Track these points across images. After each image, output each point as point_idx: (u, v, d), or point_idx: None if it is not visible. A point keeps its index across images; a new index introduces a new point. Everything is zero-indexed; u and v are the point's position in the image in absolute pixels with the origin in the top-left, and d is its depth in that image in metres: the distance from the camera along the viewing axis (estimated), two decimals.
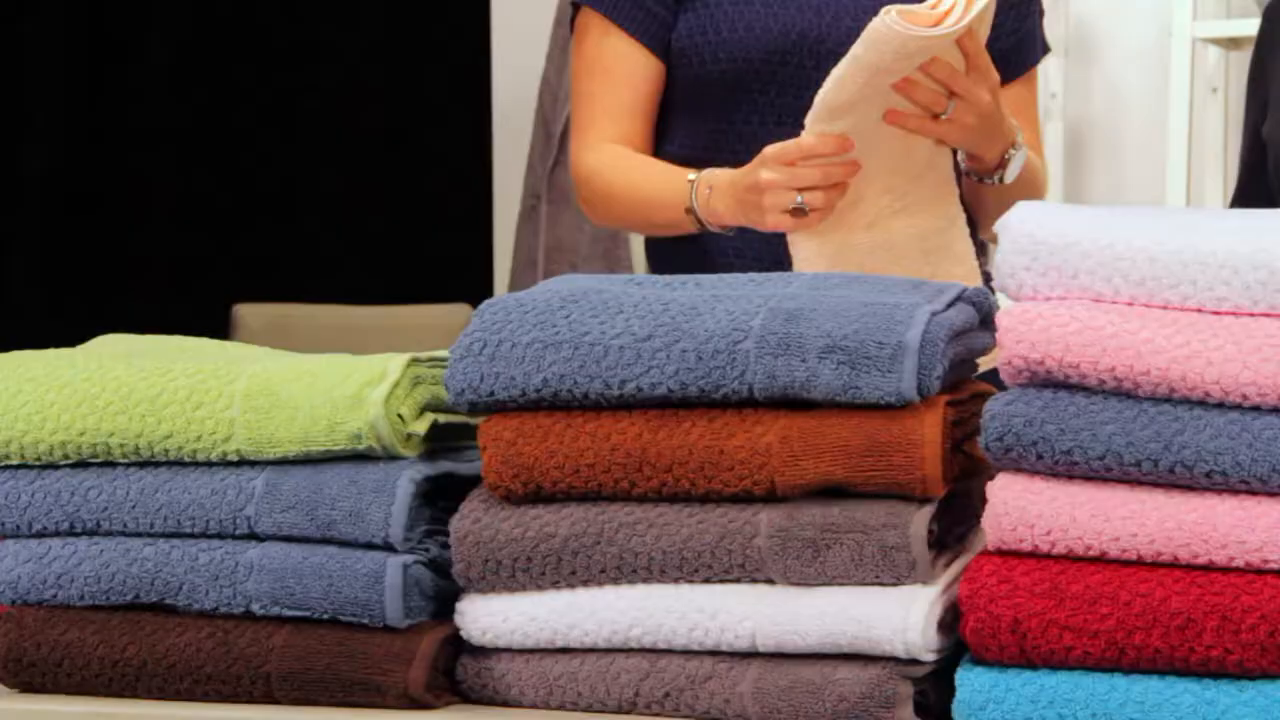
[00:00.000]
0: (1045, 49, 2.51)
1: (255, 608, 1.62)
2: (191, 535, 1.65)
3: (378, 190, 6.02)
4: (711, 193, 2.23)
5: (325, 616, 1.61)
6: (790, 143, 2.12)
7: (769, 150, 2.14)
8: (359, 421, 1.60)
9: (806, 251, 2.15)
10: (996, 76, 2.13)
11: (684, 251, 2.38)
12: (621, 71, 2.41)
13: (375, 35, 6.04)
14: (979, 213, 2.29)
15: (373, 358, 1.65)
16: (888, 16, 2.00)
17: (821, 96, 2.09)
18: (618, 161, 2.38)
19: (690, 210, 2.25)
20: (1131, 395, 1.45)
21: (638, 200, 2.35)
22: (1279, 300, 1.42)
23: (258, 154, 6.07)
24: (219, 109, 6.07)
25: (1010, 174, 2.21)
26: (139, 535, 1.65)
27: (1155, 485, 1.44)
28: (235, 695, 1.62)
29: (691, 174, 2.26)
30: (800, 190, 2.11)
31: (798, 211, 2.12)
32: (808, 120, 2.10)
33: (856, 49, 2.05)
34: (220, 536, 1.64)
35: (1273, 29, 2.25)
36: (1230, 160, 3.61)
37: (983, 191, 2.26)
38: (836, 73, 2.07)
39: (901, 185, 2.16)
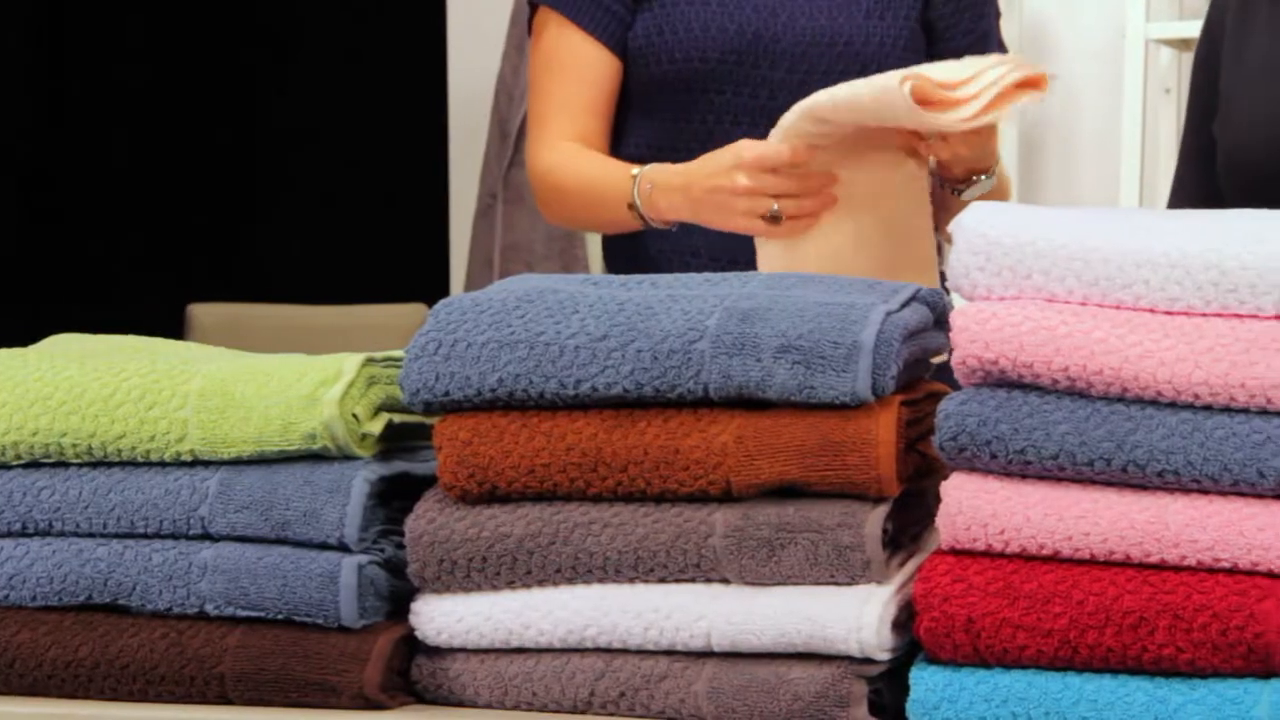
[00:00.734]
0: (1002, 50, 2.52)
1: (209, 608, 1.62)
2: (145, 536, 1.64)
3: (333, 190, 6.01)
4: (653, 189, 2.23)
5: (280, 617, 1.61)
6: (771, 149, 2.11)
7: (748, 155, 2.12)
8: (314, 421, 1.60)
9: (769, 252, 2.16)
10: (989, 138, 2.12)
11: (641, 252, 2.38)
12: (579, 69, 2.41)
13: (331, 35, 6.03)
14: (937, 213, 2.30)
15: (328, 357, 1.65)
16: (904, 85, 1.96)
17: (811, 102, 2.07)
18: (570, 158, 2.38)
19: (632, 206, 2.25)
20: (1084, 395, 1.46)
21: (586, 197, 2.35)
22: (1230, 300, 1.43)
23: (213, 154, 6.05)
24: (174, 108, 6.05)
25: (968, 195, 2.22)
26: (92, 536, 1.65)
27: (1108, 484, 1.45)
28: (189, 696, 1.62)
29: (635, 169, 2.26)
30: (776, 198, 2.11)
31: (773, 219, 2.12)
32: (785, 118, 2.09)
33: (862, 88, 2.02)
34: (174, 537, 1.64)
35: (1223, 19, 2.26)
36: None
37: (944, 193, 2.27)
38: (836, 92, 2.04)
39: (870, 215, 2.16)
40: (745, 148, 2.13)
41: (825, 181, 2.10)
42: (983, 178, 2.20)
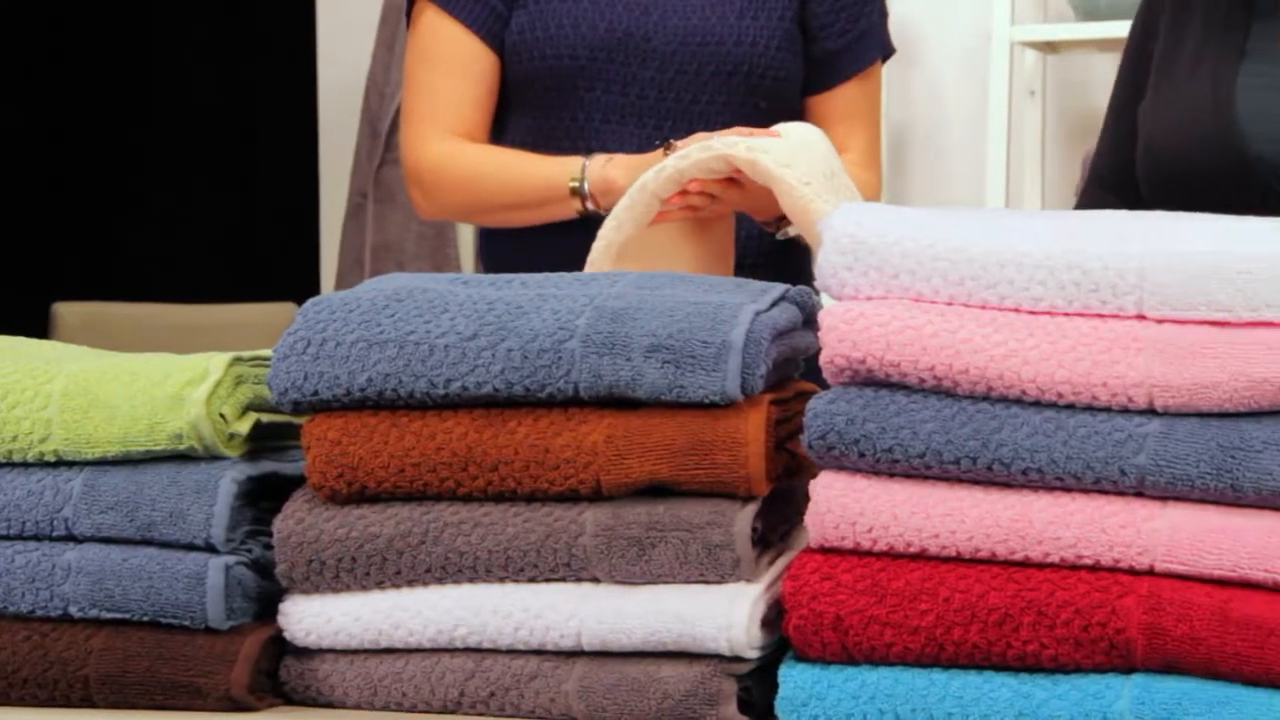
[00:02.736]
0: (887, 51, 2.53)
1: (73, 610, 1.60)
2: (7, 537, 1.62)
3: (203, 188, 5.96)
4: (610, 162, 2.26)
5: (145, 619, 1.59)
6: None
7: (698, 135, 2.19)
8: (180, 421, 1.58)
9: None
10: (758, 187, 2.17)
11: (523, 255, 2.38)
12: (458, 64, 2.42)
13: (201, 32, 5.97)
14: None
15: (194, 357, 1.63)
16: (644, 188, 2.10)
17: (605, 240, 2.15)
18: (474, 150, 2.39)
19: (577, 185, 2.27)
20: (950, 394, 1.47)
21: (508, 182, 2.35)
22: (1092, 300, 1.45)
23: (80, 150, 5.98)
24: (40, 105, 5.97)
25: (788, 233, 2.26)
26: None
27: (974, 483, 1.46)
28: (52, 700, 1.60)
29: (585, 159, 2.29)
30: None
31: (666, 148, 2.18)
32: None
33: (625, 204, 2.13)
34: (37, 538, 1.62)
35: (1160, 9, 2.27)
36: (1048, 162, 3.67)
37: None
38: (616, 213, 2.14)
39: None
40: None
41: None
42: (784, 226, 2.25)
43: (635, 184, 2.12)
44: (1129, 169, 2.23)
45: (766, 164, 2.08)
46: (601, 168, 2.28)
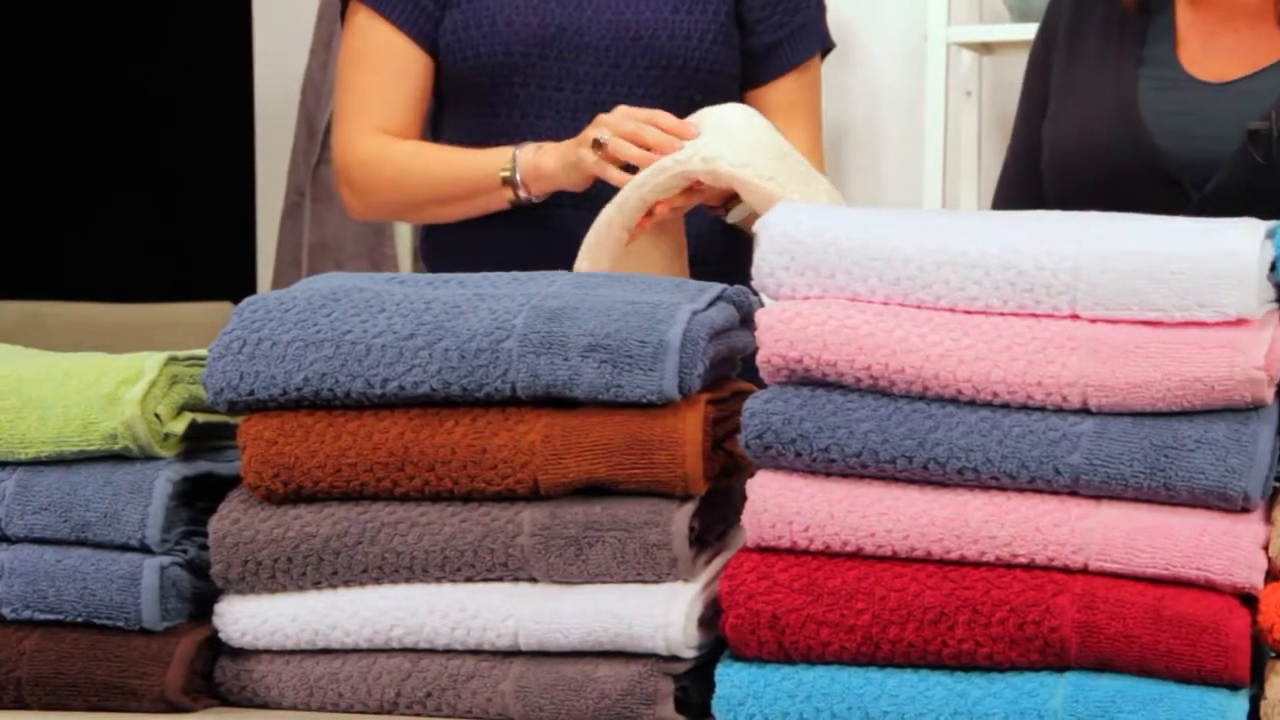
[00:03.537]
0: (826, 45, 2.54)
1: (6, 611, 1.59)
2: None
3: (138, 186, 5.92)
4: (540, 149, 2.26)
5: (79, 620, 1.58)
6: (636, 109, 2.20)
7: (621, 108, 2.22)
8: (114, 421, 1.58)
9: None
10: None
11: (467, 254, 2.38)
12: (391, 63, 2.42)
13: (136, 29, 5.94)
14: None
15: (129, 356, 1.63)
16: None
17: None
18: (403, 146, 2.39)
19: (508, 175, 2.27)
20: (887, 393, 1.48)
21: (437, 176, 2.35)
22: (1027, 300, 1.46)
23: (12, 148, 5.94)
24: None
25: (729, 218, 2.28)
26: None
27: (910, 482, 1.47)
28: None
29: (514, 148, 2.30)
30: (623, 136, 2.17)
31: (597, 144, 2.19)
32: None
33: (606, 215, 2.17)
34: None
35: (1058, 22, 2.30)
36: (984, 162, 3.69)
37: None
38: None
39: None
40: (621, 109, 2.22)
41: (667, 147, 2.16)
42: (732, 204, 2.26)
43: (600, 220, 2.15)
44: (1037, 183, 2.26)
45: (726, 170, 2.12)
46: (532, 155, 2.29)
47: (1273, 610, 1.40)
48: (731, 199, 2.25)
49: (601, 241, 2.15)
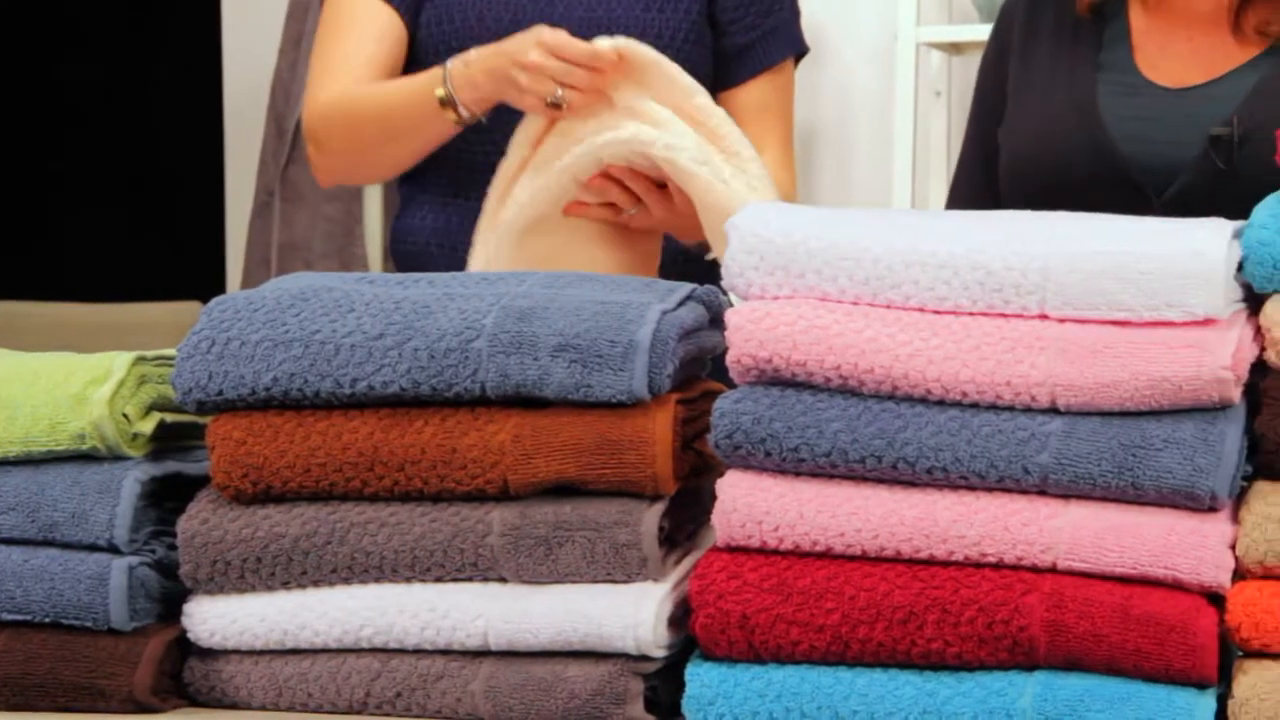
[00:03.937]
0: (799, 49, 2.54)
1: None
2: None
3: (106, 186, 5.91)
4: (468, 65, 2.25)
5: (47, 620, 1.58)
6: (571, 40, 2.16)
7: (547, 36, 2.17)
8: (82, 421, 1.57)
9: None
10: (686, 203, 2.18)
11: (436, 256, 2.38)
12: (366, 27, 2.42)
13: (105, 28, 5.92)
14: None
15: (98, 356, 1.62)
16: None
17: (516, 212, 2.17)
18: (358, 86, 2.38)
19: (445, 95, 2.26)
20: (856, 393, 1.48)
21: (382, 109, 2.34)
22: (996, 300, 1.46)
23: None
24: None
25: (713, 254, 2.27)
26: None
27: (879, 482, 1.47)
28: None
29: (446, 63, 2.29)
30: (562, 85, 2.14)
31: (554, 105, 2.16)
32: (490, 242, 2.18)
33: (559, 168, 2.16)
34: None
35: (1011, 28, 2.30)
36: (953, 162, 3.69)
37: None
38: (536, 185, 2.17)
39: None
40: (547, 30, 2.18)
41: (603, 81, 2.14)
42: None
43: (554, 167, 2.14)
44: (992, 186, 2.27)
45: (683, 162, 2.12)
46: (463, 70, 2.26)
47: (1240, 609, 1.40)
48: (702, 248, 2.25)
49: (548, 186, 2.16)
